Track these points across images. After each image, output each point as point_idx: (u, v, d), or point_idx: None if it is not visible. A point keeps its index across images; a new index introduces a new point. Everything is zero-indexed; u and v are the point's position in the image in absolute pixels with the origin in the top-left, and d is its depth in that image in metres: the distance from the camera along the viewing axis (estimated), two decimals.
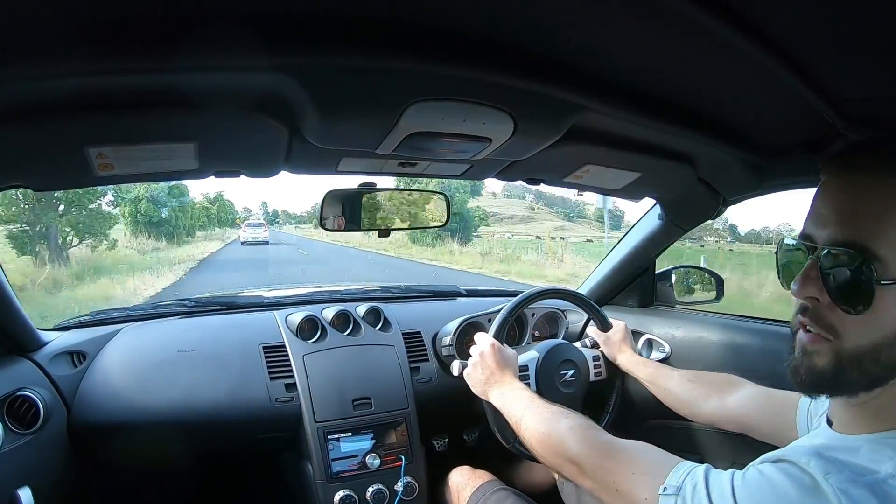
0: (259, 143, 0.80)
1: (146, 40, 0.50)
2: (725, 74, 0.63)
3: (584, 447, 0.70)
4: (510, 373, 0.99)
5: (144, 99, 0.63)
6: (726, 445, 1.15)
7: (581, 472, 0.69)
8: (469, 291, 1.66)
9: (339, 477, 1.15)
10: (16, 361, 1.02)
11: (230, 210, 33.78)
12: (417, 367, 1.31)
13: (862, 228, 0.47)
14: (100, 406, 1.08)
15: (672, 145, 0.92)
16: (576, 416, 0.78)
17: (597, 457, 0.67)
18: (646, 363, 1.16)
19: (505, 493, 1.09)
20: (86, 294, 8.42)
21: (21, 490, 0.86)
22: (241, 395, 1.16)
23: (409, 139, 0.74)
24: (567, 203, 44.58)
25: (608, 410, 1.24)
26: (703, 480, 0.51)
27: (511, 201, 46.57)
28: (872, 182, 0.47)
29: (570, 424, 0.75)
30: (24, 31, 0.47)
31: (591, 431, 0.72)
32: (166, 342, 1.22)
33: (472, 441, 1.45)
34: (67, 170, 0.79)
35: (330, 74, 0.59)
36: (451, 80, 0.61)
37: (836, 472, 0.43)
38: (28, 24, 0.47)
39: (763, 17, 0.48)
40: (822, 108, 0.64)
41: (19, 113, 0.60)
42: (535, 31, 0.55)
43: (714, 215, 1.21)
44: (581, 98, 0.67)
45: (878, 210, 0.46)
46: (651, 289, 1.48)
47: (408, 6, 0.51)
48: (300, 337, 1.26)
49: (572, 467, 0.71)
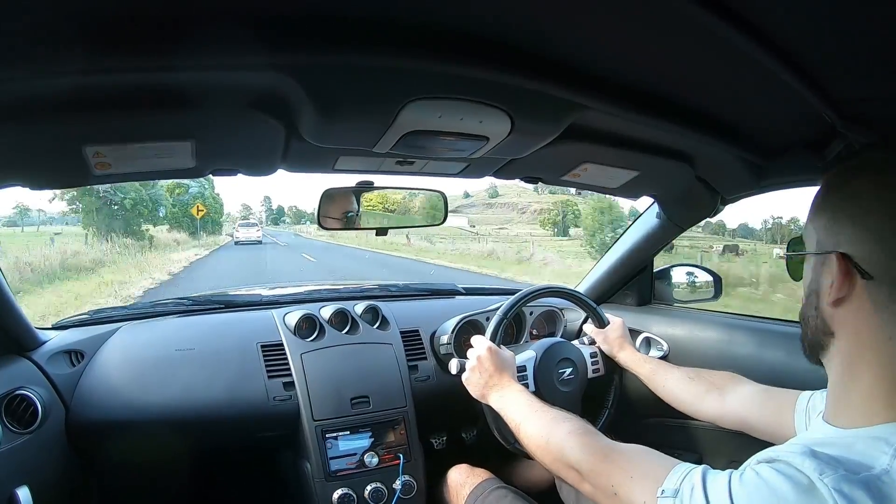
0: (256, 142, 0.80)
1: (144, 39, 0.50)
2: (724, 73, 0.63)
3: (582, 453, 0.70)
4: (508, 375, 0.99)
5: (142, 97, 0.62)
6: (724, 443, 1.15)
7: (580, 477, 0.69)
8: (467, 290, 1.66)
9: (337, 475, 1.15)
10: (14, 361, 1.02)
11: (214, 208, 27.62)
12: (416, 366, 1.31)
13: (810, 219, 0.56)
14: (98, 405, 1.08)
15: (670, 144, 0.92)
16: (574, 421, 0.78)
17: (595, 462, 0.68)
18: (646, 360, 1.16)
19: (503, 491, 1.09)
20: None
21: (19, 489, 0.86)
22: (239, 393, 1.16)
23: (406, 137, 0.74)
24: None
25: (606, 408, 1.25)
26: (701, 482, 0.51)
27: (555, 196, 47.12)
28: (832, 181, 0.55)
29: (569, 429, 0.75)
30: (22, 29, 0.47)
31: (590, 436, 0.73)
32: (164, 341, 1.22)
33: (470, 439, 1.45)
34: (65, 169, 0.79)
35: (327, 73, 0.59)
36: (449, 78, 0.61)
37: (831, 471, 0.44)
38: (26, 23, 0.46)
39: (762, 16, 0.48)
40: (821, 107, 0.64)
41: (16, 112, 0.60)
42: (532, 29, 0.55)
43: (712, 214, 1.21)
44: (579, 97, 0.67)
45: (810, 207, 0.56)
46: (649, 287, 1.48)
47: (405, 5, 0.51)
48: (298, 335, 1.26)
49: (572, 473, 0.71)
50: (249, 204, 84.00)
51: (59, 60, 0.50)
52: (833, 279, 0.51)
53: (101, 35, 0.48)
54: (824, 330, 0.54)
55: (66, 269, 10.44)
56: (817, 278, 0.54)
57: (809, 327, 0.56)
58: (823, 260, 0.53)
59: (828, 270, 0.53)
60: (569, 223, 43.32)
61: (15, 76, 0.52)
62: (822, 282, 0.53)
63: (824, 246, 0.53)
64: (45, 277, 9.30)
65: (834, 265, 0.51)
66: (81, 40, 0.48)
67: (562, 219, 44.18)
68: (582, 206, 36.56)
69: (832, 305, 0.52)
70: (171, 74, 0.56)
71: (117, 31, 0.48)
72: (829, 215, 0.54)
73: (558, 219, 44.71)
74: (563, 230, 43.15)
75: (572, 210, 43.19)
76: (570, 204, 43.53)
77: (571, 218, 43.08)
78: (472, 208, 74.24)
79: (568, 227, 43.11)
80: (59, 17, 0.46)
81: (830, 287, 0.52)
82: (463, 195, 79.07)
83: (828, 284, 0.52)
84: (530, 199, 55.14)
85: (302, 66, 0.57)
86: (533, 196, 52.34)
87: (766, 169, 0.96)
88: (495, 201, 74.29)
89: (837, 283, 0.51)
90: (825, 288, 0.53)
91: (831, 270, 0.52)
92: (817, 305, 0.54)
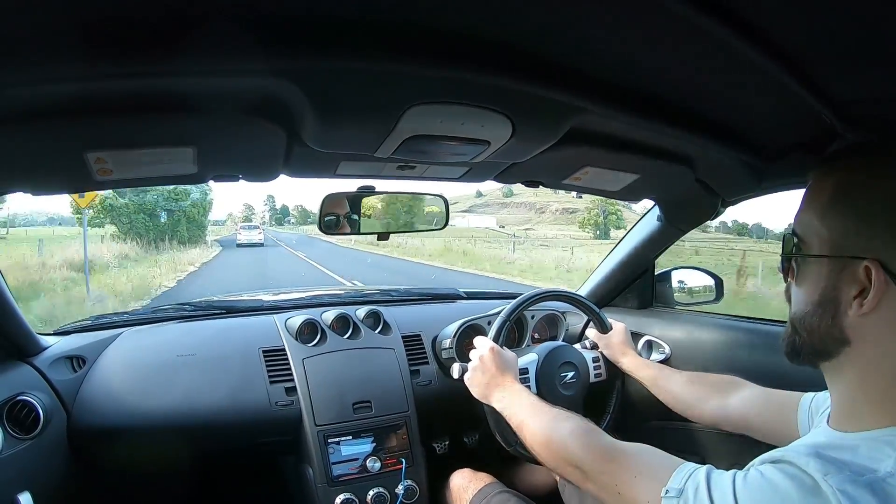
0: (258, 148, 0.80)
1: (145, 44, 0.50)
2: (724, 76, 0.63)
3: (585, 452, 0.70)
4: (511, 376, 0.99)
5: (143, 103, 0.63)
6: (727, 446, 1.15)
7: (584, 476, 0.69)
8: (468, 294, 1.66)
9: (339, 480, 1.14)
10: (15, 366, 1.02)
11: (199, 211, 21.07)
12: (417, 370, 1.31)
13: (800, 217, 0.55)
14: (99, 410, 1.08)
15: (671, 147, 0.92)
16: (577, 420, 0.78)
17: (599, 461, 0.67)
18: (648, 365, 1.16)
19: (506, 495, 1.09)
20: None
21: (21, 495, 0.86)
22: (240, 398, 1.16)
23: (407, 142, 0.74)
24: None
25: (608, 412, 1.24)
26: (705, 482, 0.51)
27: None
28: (819, 181, 0.54)
29: (572, 428, 0.75)
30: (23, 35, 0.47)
31: (593, 435, 0.72)
32: (166, 346, 1.22)
33: (472, 443, 1.45)
34: (66, 174, 0.79)
35: (328, 78, 0.59)
36: (450, 83, 0.61)
37: (836, 472, 0.44)
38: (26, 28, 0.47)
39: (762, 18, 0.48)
40: (821, 109, 0.64)
41: (17, 117, 0.60)
42: (533, 33, 0.55)
43: (713, 216, 1.21)
44: (579, 100, 0.67)
45: (811, 202, 0.54)
46: (651, 290, 1.48)
47: (406, 10, 0.51)
48: (300, 340, 1.26)
49: (575, 471, 0.71)
50: (252, 203, 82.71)
51: (61, 66, 0.50)
52: (864, 287, 0.48)
53: (102, 41, 0.48)
54: (838, 339, 0.50)
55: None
56: (834, 284, 0.50)
57: (815, 335, 0.52)
58: (844, 265, 0.49)
59: (851, 277, 0.49)
60: (610, 224, 41.25)
61: (17, 82, 0.52)
62: (844, 289, 0.49)
63: (846, 249, 0.49)
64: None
65: (861, 272, 0.48)
66: (83, 46, 0.48)
67: (603, 219, 41.94)
68: (621, 204, 33.27)
69: (859, 316, 0.48)
70: (173, 80, 0.56)
71: (119, 37, 0.48)
72: (853, 217, 0.50)
73: (599, 219, 42.53)
74: (604, 232, 40.83)
75: (613, 210, 40.88)
76: (611, 203, 39.80)
77: (613, 220, 41.17)
78: (485, 208, 72.42)
79: (609, 228, 40.89)
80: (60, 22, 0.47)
81: (858, 296, 0.48)
82: (475, 194, 77.26)
83: (852, 293, 0.49)
84: (549, 198, 53.49)
85: (303, 71, 0.57)
86: (551, 195, 50.80)
87: (767, 171, 0.96)
88: (510, 201, 72.05)
89: (874, 293, 0.47)
90: (848, 296, 0.49)
91: (857, 278, 0.48)
92: (834, 314, 0.50)
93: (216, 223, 68.90)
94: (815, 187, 0.54)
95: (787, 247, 0.56)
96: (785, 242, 0.57)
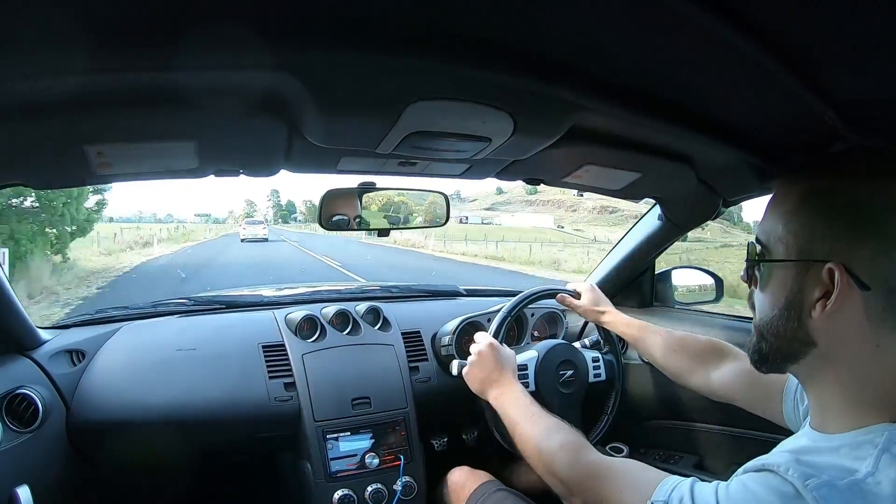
0: (259, 142, 0.80)
1: (146, 38, 0.49)
2: (726, 75, 0.62)
3: (572, 470, 0.71)
4: (509, 372, 0.99)
5: (144, 97, 0.62)
6: (724, 445, 1.15)
7: (569, 491, 0.71)
8: (468, 291, 1.66)
9: (337, 476, 1.15)
10: (15, 360, 1.02)
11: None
12: (417, 367, 1.31)
13: (763, 225, 0.56)
14: (99, 404, 1.08)
15: (672, 146, 0.92)
16: (567, 433, 0.78)
17: (585, 478, 0.69)
18: (629, 323, 1.13)
19: (504, 493, 1.09)
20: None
21: (20, 488, 0.86)
22: (239, 393, 1.16)
23: (408, 138, 0.74)
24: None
25: (607, 412, 1.24)
26: (689, 494, 0.52)
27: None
28: (784, 189, 0.55)
29: (561, 443, 0.76)
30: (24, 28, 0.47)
31: (581, 452, 0.73)
32: (165, 341, 1.22)
33: (471, 441, 1.45)
34: (67, 168, 0.79)
35: (330, 73, 0.59)
36: (452, 79, 0.61)
37: (816, 478, 0.45)
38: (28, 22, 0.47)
39: (764, 17, 0.48)
40: (823, 109, 0.64)
41: (19, 111, 0.60)
42: (535, 30, 0.55)
43: (714, 216, 1.21)
44: (581, 98, 0.67)
45: (775, 210, 0.55)
46: (651, 289, 1.48)
47: (409, 5, 0.51)
48: (299, 336, 1.26)
49: (561, 486, 0.73)
50: (254, 199, 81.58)
51: (62, 59, 0.50)
52: (827, 290, 0.49)
53: (103, 34, 0.48)
54: (804, 340, 0.52)
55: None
56: (798, 288, 0.51)
57: (782, 339, 0.53)
58: (808, 269, 0.51)
59: (814, 280, 0.50)
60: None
61: (17, 75, 0.52)
62: (808, 292, 0.51)
63: (811, 253, 0.51)
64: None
65: (825, 275, 0.49)
66: (84, 39, 0.48)
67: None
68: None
69: (824, 317, 0.50)
70: (174, 74, 0.56)
71: (119, 31, 0.48)
72: (818, 221, 0.51)
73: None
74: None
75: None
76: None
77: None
78: (507, 206, 69.98)
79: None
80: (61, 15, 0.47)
81: (821, 298, 0.49)
82: (496, 191, 74.66)
83: (815, 295, 0.50)
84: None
85: (305, 65, 0.57)
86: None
87: (768, 171, 0.96)
88: (535, 198, 69.58)
89: (838, 294, 0.48)
90: (811, 299, 0.50)
91: (820, 281, 0.49)
92: (799, 317, 0.51)
93: (216, 221, 67.79)
94: (780, 195, 0.55)
95: (751, 254, 0.57)
96: (749, 250, 0.58)
